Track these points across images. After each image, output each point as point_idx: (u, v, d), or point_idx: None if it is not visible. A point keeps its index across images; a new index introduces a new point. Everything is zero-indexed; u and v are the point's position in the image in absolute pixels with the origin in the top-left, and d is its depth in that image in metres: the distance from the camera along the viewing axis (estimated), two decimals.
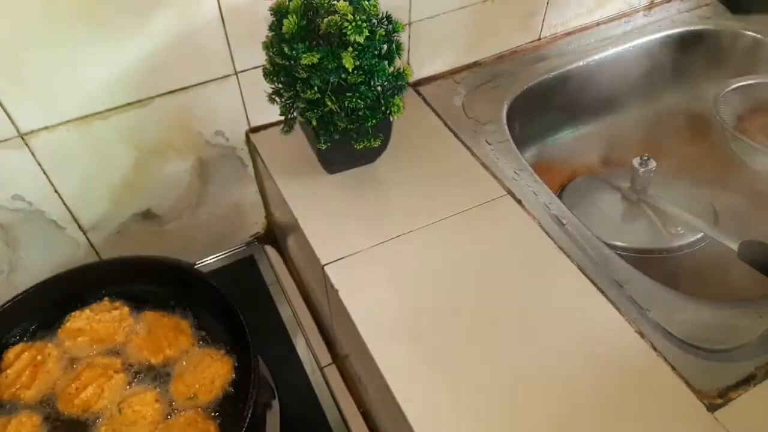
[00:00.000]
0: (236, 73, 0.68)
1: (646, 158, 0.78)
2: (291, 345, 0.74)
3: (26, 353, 0.57)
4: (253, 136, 0.74)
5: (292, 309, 0.78)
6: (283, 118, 0.65)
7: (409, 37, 0.76)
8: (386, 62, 0.60)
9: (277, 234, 0.86)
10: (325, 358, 0.73)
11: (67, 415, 0.53)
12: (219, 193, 0.79)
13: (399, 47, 0.60)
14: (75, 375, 0.55)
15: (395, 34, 0.59)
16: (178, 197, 0.76)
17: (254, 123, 0.74)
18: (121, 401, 0.54)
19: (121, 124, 0.65)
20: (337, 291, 0.58)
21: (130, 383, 0.55)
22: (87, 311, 0.60)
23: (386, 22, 0.59)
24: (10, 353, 0.57)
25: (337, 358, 0.73)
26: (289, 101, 0.62)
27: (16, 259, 0.70)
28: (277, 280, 0.81)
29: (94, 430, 0.52)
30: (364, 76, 0.57)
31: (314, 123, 0.61)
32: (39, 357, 0.57)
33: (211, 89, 0.68)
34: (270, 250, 0.85)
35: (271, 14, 0.59)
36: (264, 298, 0.79)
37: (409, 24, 0.75)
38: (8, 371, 0.56)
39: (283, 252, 0.85)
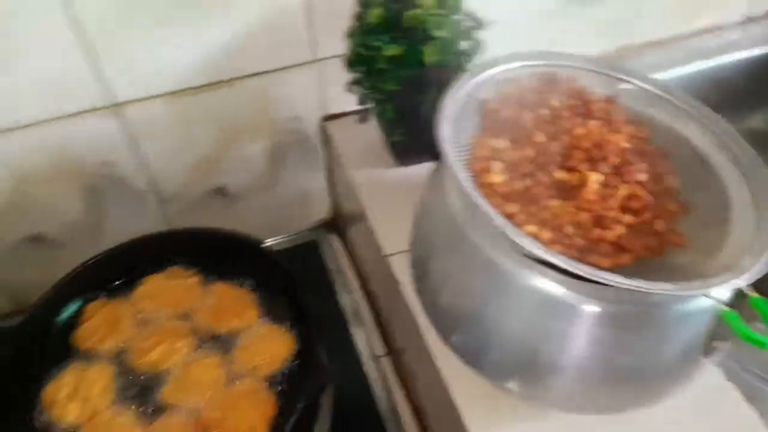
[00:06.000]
0: (317, 60, 0.69)
1: None
2: (348, 332, 0.74)
3: (104, 308, 0.60)
4: (328, 124, 0.75)
5: (350, 297, 0.79)
6: (359, 108, 0.66)
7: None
8: (466, 59, 0.60)
9: (340, 222, 0.87)
10: (381, 348, 0.74)
11: (137, 371, 0.56)
12: (289, 178, 0.81)
13: (479, 45, 0.60)
14: (147, 335, 0.58)
15: (477, 31, 0.59)
16: (251, 178, 0.78)
17: (330, 111, 0.76)
18: (187, 364, 0.56)
19: (208, 103, 0.68)
20: (398, 283, 0.58)
21: (196, 348, 0.58)
22: (162, 276, 0.63)
23: (469, 19, 0.59)
24: (91, 308, 0.61)
25: (393, 350, 0.73)
26: (367, 92, 0.63)
27: (102, 222, 0.74)
28: (337, 267, 0.82)
29: (161, 387, 0.55)
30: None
31: (391, 115, 0.62)
32: (115, 314, 0.60)
33: (291, 75, 0.69)
34: (333, 238, 0.87)
35: (357, 4, 0.60)
36: (324, 284, 0.80)
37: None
38: (87, 324, 0.59)
39: (345, 240, 0.86)
